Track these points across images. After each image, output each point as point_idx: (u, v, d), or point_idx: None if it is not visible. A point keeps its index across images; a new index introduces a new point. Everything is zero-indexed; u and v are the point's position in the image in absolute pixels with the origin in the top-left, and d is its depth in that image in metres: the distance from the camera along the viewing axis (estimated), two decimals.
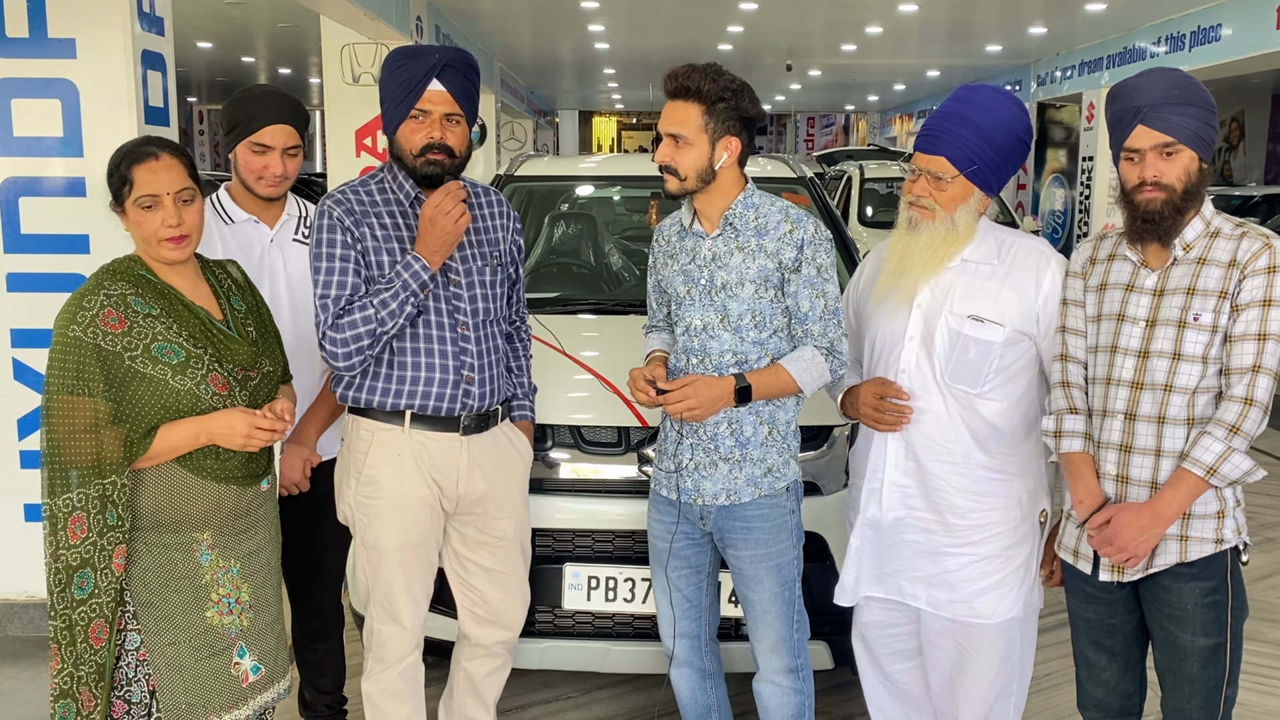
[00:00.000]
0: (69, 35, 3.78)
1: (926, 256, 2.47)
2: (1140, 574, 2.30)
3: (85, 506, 2.12)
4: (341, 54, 7.66)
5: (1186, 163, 2.23)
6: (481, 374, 2.56)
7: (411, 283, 2.41)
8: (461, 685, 2.80)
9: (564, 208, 5.07)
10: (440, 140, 2.44)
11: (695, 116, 2.41)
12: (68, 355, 2.13)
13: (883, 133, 25.27)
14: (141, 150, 2.22)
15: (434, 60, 2.41)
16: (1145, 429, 2.27)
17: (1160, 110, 2.22)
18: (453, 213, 2.40)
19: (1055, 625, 4.09)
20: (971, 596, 2.52)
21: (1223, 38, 9.53)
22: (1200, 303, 2.22)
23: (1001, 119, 2.43)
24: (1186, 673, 2.28)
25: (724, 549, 2.61)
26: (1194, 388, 2.23)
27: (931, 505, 2.53)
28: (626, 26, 12.41)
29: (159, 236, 2.22)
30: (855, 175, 11.64)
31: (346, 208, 2.47)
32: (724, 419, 2.51)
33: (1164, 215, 2.24)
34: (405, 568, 2.57)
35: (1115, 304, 2.34)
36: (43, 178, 3.86)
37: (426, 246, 2.42)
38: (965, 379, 2.46)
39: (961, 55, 14.87)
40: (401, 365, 2.50)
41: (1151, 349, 2.27)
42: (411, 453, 2.52)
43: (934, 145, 2.45)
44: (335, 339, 2.40)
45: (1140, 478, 2.28)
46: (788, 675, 2.61)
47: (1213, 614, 2.26)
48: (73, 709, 2.16)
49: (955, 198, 2.45)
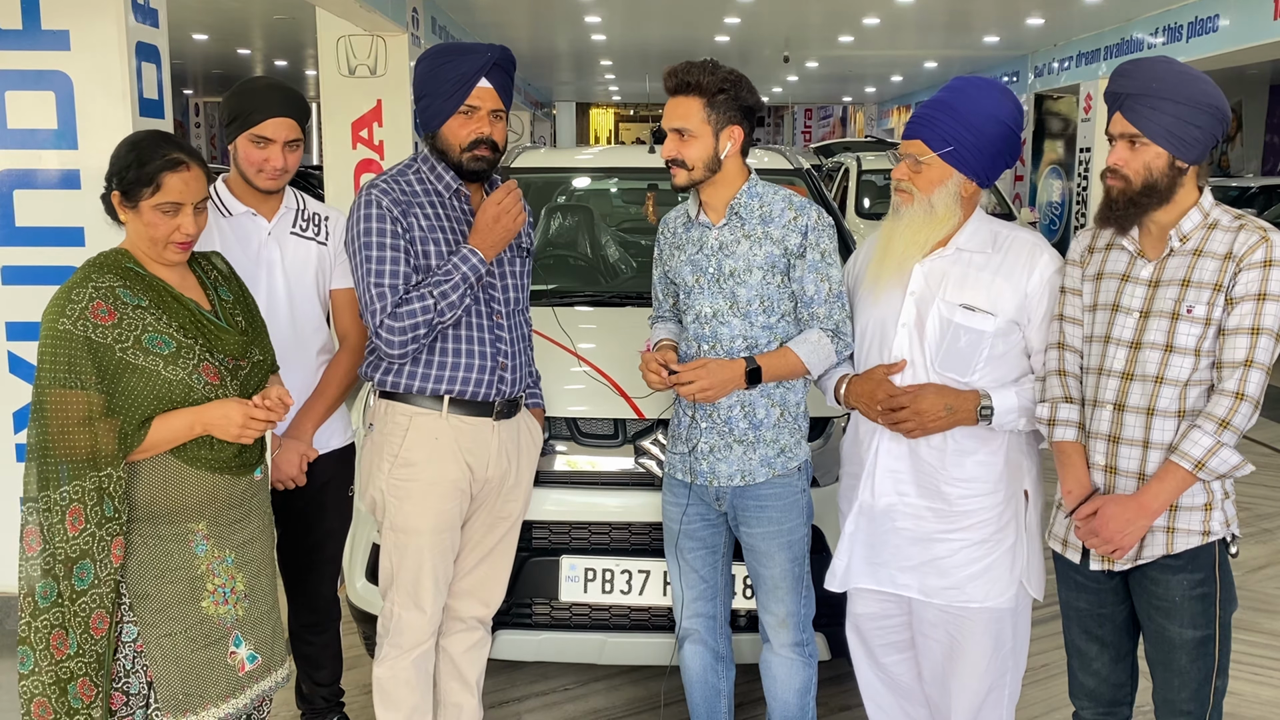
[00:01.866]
0: (63, 27, 3.77)
1: (908, 240, 2.50)
2: (1129, 564, 2.31)
3: (82, 499, 2.12)
4: (337, 46, 7.63)
5: (1150, 158, 2.21)
6: (514, 360, 2.63)
7: (470, 275, 2.48)
8: (443, 670, 2.81)
9: (561, 200, 5.06)
10: (489, 136, 2.52)
11: (697, 110, 2.51)
12: (58, 348, 2.12)
13: (880, 124, 25.25)
14: (175, 158, 2.21)
15: (486, 58, 2.49)
16: (1134, 420, 2.27)
17: (1136, 100, 2.22)
18: (513, 210, 2.49)
19: (1049, 617, 4.10)
20: (963, 582, 2.53)
21: (1220, 28, 9.52)
22: (1194, 295, 2.21)
23: (981, 105, 2.45)
24: (1176, 665, 2.29)
25: (737, 527, 2.69)
26: (1185, 380, 2.23)
27: (921, 491, 2.54)
28: (623, 18, 12.39)
29: (170, 240, 2.23)
30: (852, 167, 11.63)
31: (393, 197, 2.50)
32: (737, 402, 2.59)
33: (1118, 205, 2.26)
34: (432, 552, 2.60)
35: (1110, 294, 2.34)
36: (37, 170, 3.86)
37: (485, 241, 2.49)
38: (955, 367, 2.48)
39: (959, 46, 14.86)
40: (443, 352, 2.55)
41: (1144, 340, 2.26)
42: (448, 436, 2.56)
43: (913, 130, 2.51)
44: (393, 328, 2.44)
45: (1128, 468, 2.28)
46: (795, 649, 2.71)
47: (1200, 606, 2.26)
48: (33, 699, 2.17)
49: (932, 180, 2.48)
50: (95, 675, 2.17)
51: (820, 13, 12.17)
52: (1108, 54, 11.96)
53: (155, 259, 2.27)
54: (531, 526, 3.04)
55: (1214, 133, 2.22)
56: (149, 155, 2.20)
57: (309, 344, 2.85)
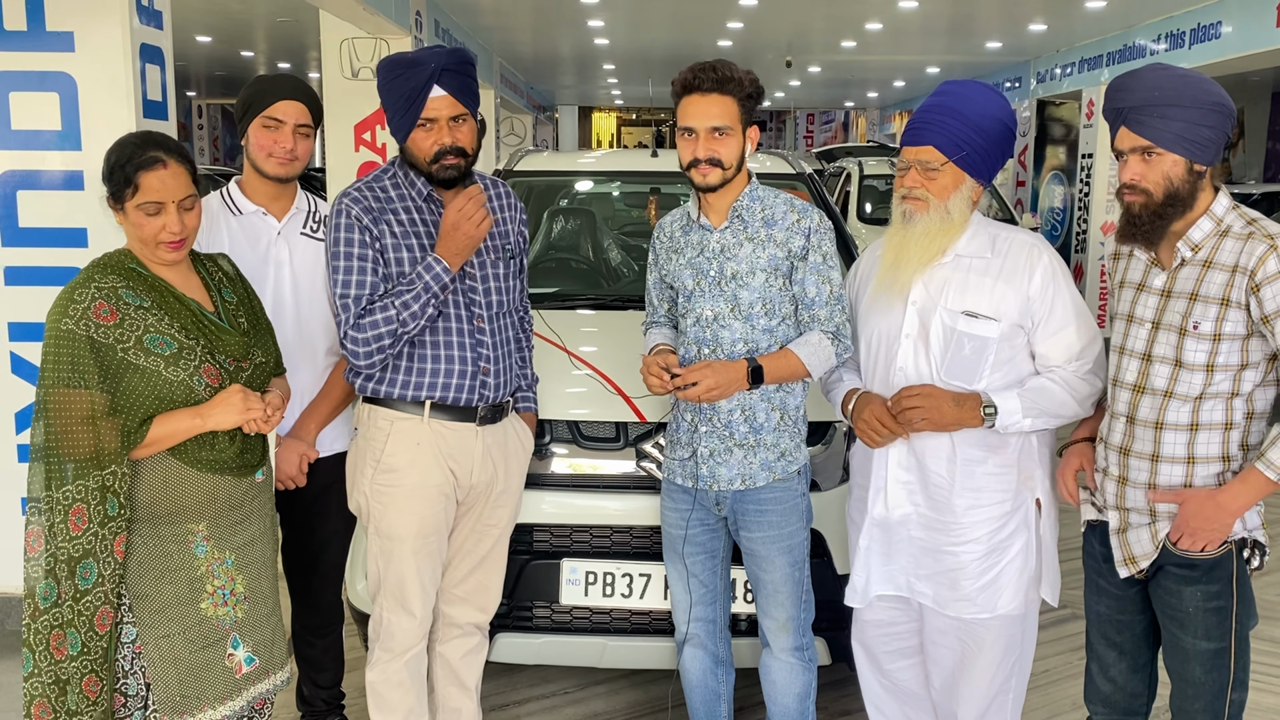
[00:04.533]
0: (67, 28, 3.78)
1: (923, 247, 2.47)
2: (1149, 561, 2.28)
3: (85, 498, 2.13)
4: (340, 49, 7.64)
5: (1168, 167, 2.16)
6: (497, 365, 2.60)
7: (433, 285, 2.44)
8: (440, 675, 2.81)
9: (563, 203, 5.06)
10: (451, 144, 2.47)
11: (734, 107, 2.52)
12: (61, 348, 2.13)
13: (882, 129, 25.23)
14: (149, 156, 2.20)
15: (430, 69, 2.42)
16: (1144, 433, 2.25)
17: (1140, 113, 2.17)
18: (475, 217, 2.44)
19: (1054, 622, 4.10)
20: (974, 593, 2.52)
21: (1223, 35, 9.53)
22: (1201, 310, 2.16)
23: (985, 107, 2.44)
24: (1190, 675, 2.27)
25: (737, 531, 2.69)
26: (1198, 395, 2.18)
27: (931, 502, 2.53)
28: (626, 22, 12.39)
29: (159, 240, 2.23)
30: (854, 172, 11.62)
31: (364, 205, 2.49)
32: (737, 406, 2.59)
33: (1142, 219, 2.20)
34: (418, 556, 2.59)
35: (1126, 303, 2.32)
36: (40, 171, 3.86)
37: (448, 249, 2.45)
38: (962, 375, 2.46)
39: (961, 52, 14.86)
40: (421, 358, 2.53)
41: (1154, 353, 2.23)
42: (430, 442, 2.55)
43: (921, 136, 2.46)
44: (357, 339, 2.43)
45: (1138, 479, 2.27)
46: (795, 653, 2.70)
47: (1215, 619, 2.23)
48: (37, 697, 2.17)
49: (947, 186, 2.45)
50: (101, 671, 2.17)
51: (823, 18, 12.16)
52: (1110, 60, 11.95)
53: (150, 258, 2.27)
54: (532, 529, 3.04)
55: (1224, 130, 2.17)
56: (126, 156, 2.21)
57: (316, 344, 2.85)
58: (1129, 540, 2.32)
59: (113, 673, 2.20)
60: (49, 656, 2.15)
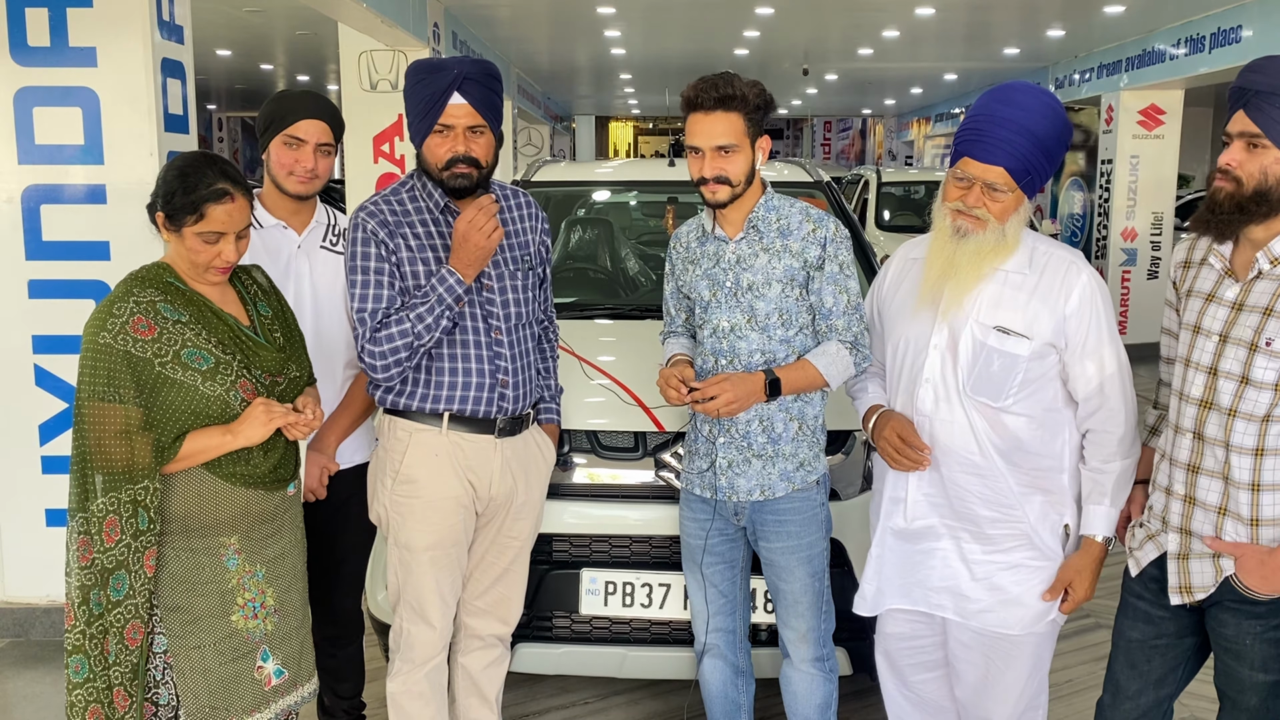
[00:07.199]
0: (90, 44, 3.82)
1: (975, 265, 2.36)
2: (1205, 594, 2.15)
3: (118, 511, 2.15)
4: (359, 61, 7.69)
5: (1269, 163, 2.01)
6: (515, 377, 2.59)
7: (446, 297, 2.44)
8: (461, 686, 2.81)
9: (581, 213, 5.08)
10: (465, 153, 2.46)
11: (739, 123, 2.48)
12: (98, 362, 2.15)
13: (899, 136, 25.19)
14: (219, 189, 2.21)
15: (452, 75, 2.43)
16: (1212, 451, 2.11)
17: (1264, 99, 2.00)
18: (485, 228, 2.42)
19: (1075, 631, 4.07)
20: (998, 606, 2.45)
21: (1243, 39, 9.46)
22: (1275, 326, 2.02)
23: (1055, 127, 2.32)
24: (1245, 704, 2.15)
25: (756, 542, 2.68)
26: (1264, 415, 2.04)
27: (956, 514, 2.47)
28: (643, 32, 12.42)
29: (211, 265, 2.24)
30: (872, 179, 11.61)
31: (380, 219, 2.50)
32: (755, 417, 2.57)
33: (1224, 209, 2.05)
34: (436, 567, 2.59)
35: (1194, 314, 2.18)
36: (64, 185, 3.90)
37: (460, 260, 2.44)
38: (987, 391, 2.38)
39: (979, 58, 14.81)
40: (439, 370, 2.53)
41: (1220, 367, 2.09)
42: (448, 453, 2.55)
43: (991, 154, 2.31)
44: (374, 352, 2.44)
45: (1207, 500, 2.12)
46: (815, 664, 2.70)
47: (1274, 650, 2.09)
48: (83, 708, 2.17)
49: (1009, 208, 2.35)
50: (130, 685, 2.19)
51: (839, 26, 12.16)
52: (1129, 65, 11.89)
53: (194, 278, 2.29)
54: (552, 539, 3.04)
55: None
56: (196, 184, 2.20)
57: (335, 358, 2.86)
58: (1190, 569, 2.17)
59: (142, 687, 2.21)
60: (104, 662, 2.16)
